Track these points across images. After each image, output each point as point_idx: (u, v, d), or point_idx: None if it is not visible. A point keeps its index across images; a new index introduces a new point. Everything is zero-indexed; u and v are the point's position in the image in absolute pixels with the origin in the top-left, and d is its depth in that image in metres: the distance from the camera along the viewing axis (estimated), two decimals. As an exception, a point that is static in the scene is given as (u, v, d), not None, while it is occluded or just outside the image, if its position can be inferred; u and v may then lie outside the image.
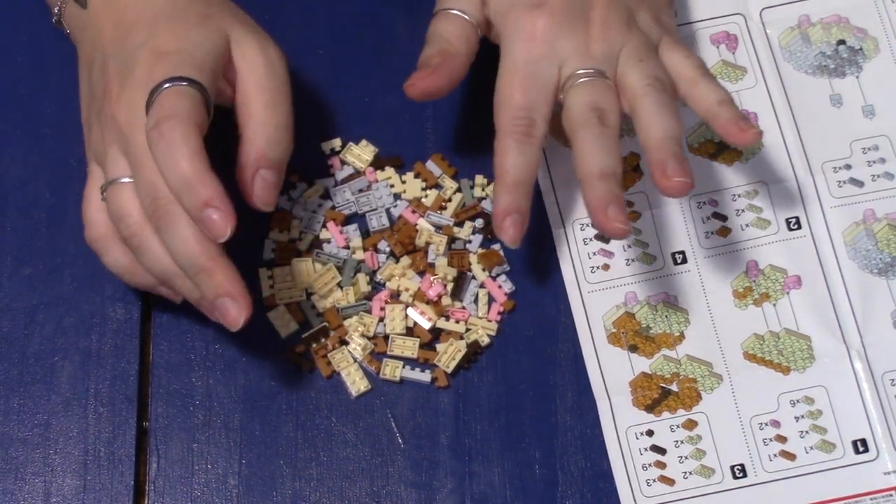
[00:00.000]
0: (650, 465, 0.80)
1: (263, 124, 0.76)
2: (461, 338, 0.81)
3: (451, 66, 0.79)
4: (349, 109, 0.86)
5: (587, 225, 0.84)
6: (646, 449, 0.80)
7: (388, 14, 0.89)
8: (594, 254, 0.83)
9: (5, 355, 0.81)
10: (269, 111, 0.76)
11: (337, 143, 0.86)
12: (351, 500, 0.79)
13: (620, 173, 0.76)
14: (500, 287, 0.82)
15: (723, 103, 0.77)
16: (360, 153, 0.85)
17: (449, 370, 0.81)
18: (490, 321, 0.82)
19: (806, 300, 0.82)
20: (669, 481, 0.79)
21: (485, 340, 0.82)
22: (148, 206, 0.73)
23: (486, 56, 0.88)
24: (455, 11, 0.80)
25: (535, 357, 0.82)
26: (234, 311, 0.72)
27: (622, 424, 0.80)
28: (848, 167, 0.85)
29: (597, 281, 0.83)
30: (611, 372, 0.81)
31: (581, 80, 0.77)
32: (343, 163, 0.85)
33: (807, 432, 0.80)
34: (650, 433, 0.80)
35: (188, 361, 0.81)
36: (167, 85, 0.72)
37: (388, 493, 0.79)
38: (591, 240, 0.83)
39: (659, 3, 0.82)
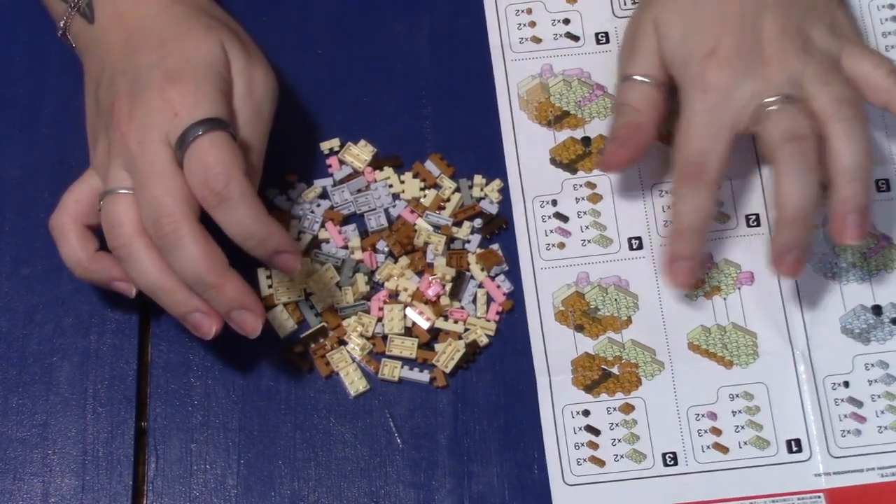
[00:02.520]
0: (583, 444, 0.80)
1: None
2: (460, 338, 0.81)
3: (638, 137, 0.80)
4: (348, 109, 0.86)
5: (547, 202, 0.84)
6: (580, 428, 0.80)
7: (388, 14, 0.89)
8: (551, 231, 0.83)
9: (4, 355, 0.81)
10: (246, 127, 0.77)
11: (335, 142, 0.86)
12: (349, 499, 0.79)
13: (813, 216, 0.77)
14: (498, 287, 0.82)
15: None
16: (359, 153, 0.85)
17: (447, 370, 0.81)
18: (489, 321, 0.82)
19: (756, 297, 0.82)
20: (600, 462, 0.79)
21: (483, 340, 0.82)
22: (152, 224, 0.73)
23: (486, 54, 0.88)
24: (639, 78, 0.81)
25: (533, 357, 0.81)
26: (251, 321, 0.74)
27: (559, 402, 0.80)
28: None
29: (551, 258, 0.83)
30: (554, 349, 0.81)
31: (770, 107, 0.77)
32: (342, 163, 0.85)
33: (742, 427, 0.80)
34: (586, 413, 0.80)
35: (186, 362, 0.81)
36: (199, 132, 0.73)
37: (386, 492, 0.79)
38: (549, 217, 0.84)
39: (831, 5, 0.81)
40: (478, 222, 0.84)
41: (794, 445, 0.80)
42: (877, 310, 0.82)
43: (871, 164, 0.77)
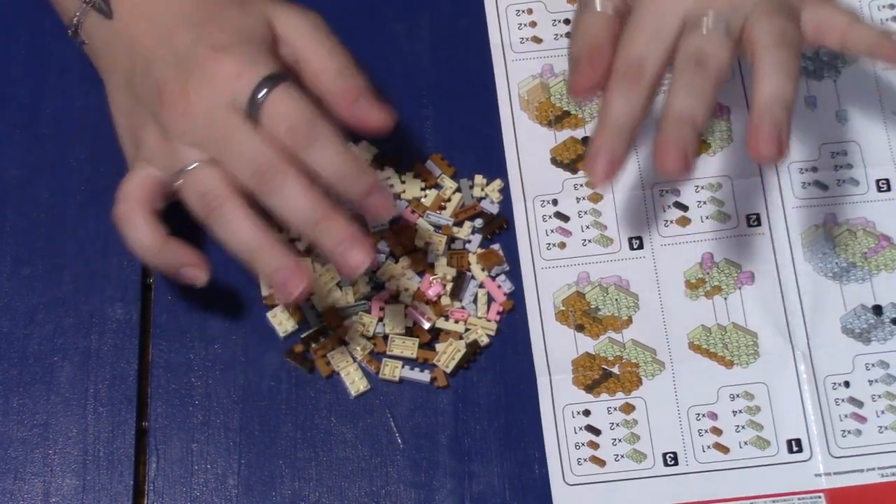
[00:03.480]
0: (583, 444, 0.80)
1: (331, 70, 0.77)
2: (460, 338, 0.81)
3: (602, 56, 0.77)
4: (348, 109, 0.86)
5: (547, 202, 0.84)
6: (581, 428, 0.80)
7: (389, 14, 0.89)
8: (552, 231, 0.84)
9: (5, 355, 0.81)
10: (332, 58, 0.78)
11: (336, 143, 0.86)
12: (350, 499, 0.79)
13: (704, 121, 0.74)
14: (499, 287, 0.83)
15: (885, 36, 0.76)
16: (360, 153, 0.85)
17: (448, 370, 0.81)
18: (489, 321, 0.82)
19: (757, 297, 0.82)
20: (600, 462, 0.79)
21: (484, 340, 0.82)
22: (253, 173, 0.74)
23: (486, 54, 0.88)
24: (599, 7, 0.79)
25: (533, 357, 0.81)
26: (358, 254, 0.74)
27: (560, 402, 0.80)
28: (814, 169, 0.85)
29: (551, 258, 0.83)
30: (555, 349, 0.81)
31: (696, 28, 0.76)
32: (342, 163, 0.85)
33: (743, 427, 0.80)
34: (587, 413, 0.80)
35: (187, 361, 0.81)
36: (267, 88, 0.74)
37: (387, 492, 0.79)
38: (550, 217, 0.84)
39: None
40: (478, 222, 0.84)
41: (795, 445, 0.80)
42: (877, 310, 0.82)
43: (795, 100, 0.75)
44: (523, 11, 0.89)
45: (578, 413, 0.81)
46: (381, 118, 0.77)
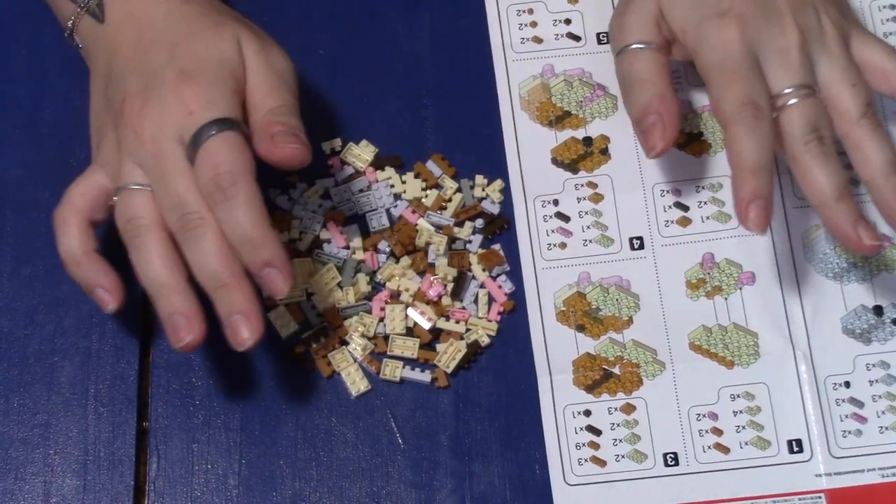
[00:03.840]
0: (584, 444, 0.80)
1: (266, 105, 0.77)
2: (461, 338, 0.81)
3: (670, 108, 0.79)
4: (349, 109, 0.86)
5: (548, 202, 0.84)
6: (581, 428, 0.80)
7: (388, 14, 0.89)
8: (552, 231, 0.84)
9: (5, 355, 0.81)
10: (273, 94, 0.77)
11: (337, 143, 0.86)
12: (351, 500, 0.79)
13: (849, 189, 0.77)
14: (500, 287, 0.83)
15: None
16: (360, 153, 0.85)
17: (449, 370, 0.81)
18: (490, 321, 0.82)
19: (758, 297, 0.82)
20: (601, 462, 0.80)
21: (485, 341, 0.82)
22: (177, 219, 0.74)
23: (487, 54, 0.88)
24: (637, 46, 0.81)
25: (534, 357, 0.81)
26: (246, 332, 0.73)
27: (561, 402, 0.80)
28: None
29: (552, 258, 0.83)
30: (555, 349, 0.81)
31: (792, 100, 0.77)
32: (343, 163, 0.85)
33: (744, 427, 0.80)
34: (588, 413, 0.80)
35: (188, 362, 0.81)
36: (212, 132, 0.74)
37: (388, 493, 0.79)
38: (550, 217, 0.84)
39: (841, 2, 0.82)
40: (479, 222, 0.84)
41: (795, 446, 0.80)
42: (878, 310, 0.82)
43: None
44: (524, 11, 0.89)
45: (579, 413, 0.81)
46: (291, 150, 0.75)
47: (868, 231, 0.76)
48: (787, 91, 0.77)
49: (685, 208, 0.84)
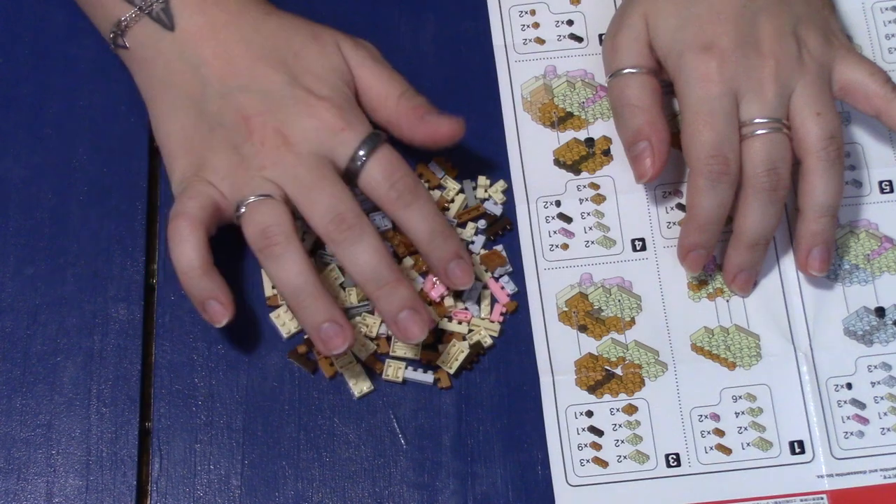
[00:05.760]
0: (586, 445, 0.80)
1: (391, 94, 0.80)
2: (464, 339, 0.82)
3: (660, 134, 0.81)
4: (352, 110, 0.86)
5: (550, 203, 0.84)
6: (583, 429, 0.80)
7: (391, 15, 0.89)
8: (555, 232, 0.84)
9: (8, 355, 0.81)
10: (391, 83, 0.80)
11: (339, 143, 0.86)
12: (353, 500, 0.79)
13: (770, 240, 0.81)
14: (502, 288, 0.83)
15: None
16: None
17: (451, 371, 0.81)
18: (492, 322, 0.82)
19: (760, 299, 0.83)
20: (603, 463, 0.80)
21: (487, 341, 0.82)
22: (332, 219, 0.76)
23: (489, 55, 0.88)
24: (630, 70, 0.82)
25: (536, 358, 0.82)
26: (416, 327, 0.76)
27: (563, 402, 0.81)
28: None
29: (554, 259, 0.83)
30: (558, 350, 0.81)
31: (759, 131, 0.79)
32: (346, 164, 0.85)
33: (745, 428, 0.80)
34: (590, 414, 0.80)
35: (191, 362, 0.81)
36: (373, 145, 0.77)
37: (390, 493, 0.79)
38: (553, 218, 0.84)
39: (824, 13, 0.82)
40: (482, 223, 0.84)
41: (797, 447, 0.80)
42: (880, 311, 0.82)
43: (841, 203, 0.80)
44: (526, 13, 0.89)
45: (581, 414, 0.81)
46: (451, 126, 0.79)
47: (747, 280, 0.81)
48: (756, 121, 0.79)
49: (687, 210, 0.85)
